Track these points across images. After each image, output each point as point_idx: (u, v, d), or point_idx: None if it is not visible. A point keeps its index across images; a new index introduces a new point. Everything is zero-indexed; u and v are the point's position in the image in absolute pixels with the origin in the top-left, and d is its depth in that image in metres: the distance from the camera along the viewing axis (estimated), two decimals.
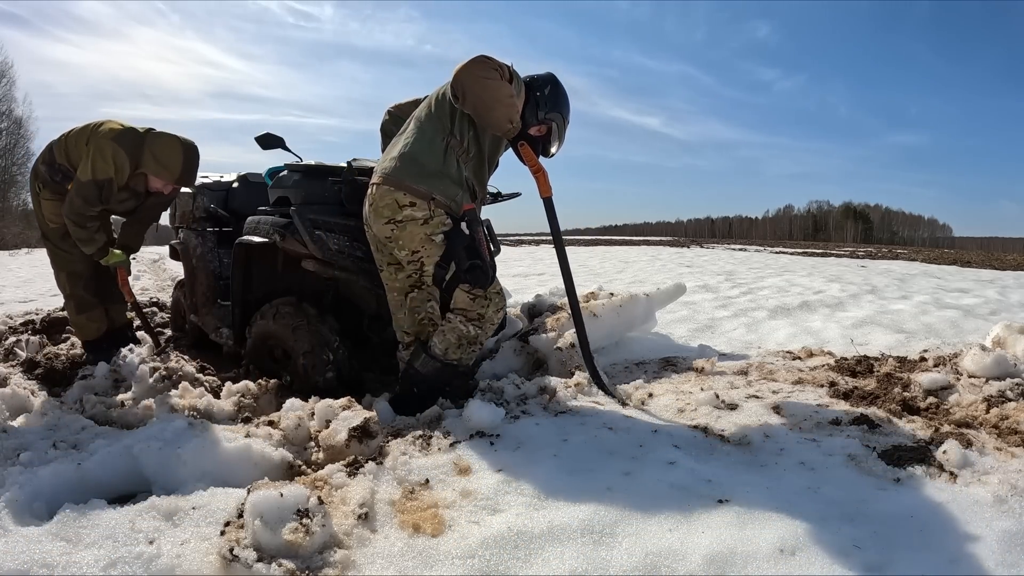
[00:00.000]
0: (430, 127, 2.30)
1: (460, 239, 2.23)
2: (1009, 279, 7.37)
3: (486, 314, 2.29)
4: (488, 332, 2.34)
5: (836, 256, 12.81)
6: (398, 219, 2.23)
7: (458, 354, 2.30)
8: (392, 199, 2.23)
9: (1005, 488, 1.55)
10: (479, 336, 2.31)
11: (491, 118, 2.19)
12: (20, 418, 2.36)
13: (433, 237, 2.24)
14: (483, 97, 2.14)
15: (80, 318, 3.10)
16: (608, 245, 17.21)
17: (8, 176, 26.80)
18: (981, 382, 2.31)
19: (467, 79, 2.14)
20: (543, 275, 7.86)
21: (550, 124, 2.45)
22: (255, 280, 2.89)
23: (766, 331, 3.99)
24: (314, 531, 1.32)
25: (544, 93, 2.42)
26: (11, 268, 9.69)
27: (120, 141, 2.79)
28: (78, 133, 2.90)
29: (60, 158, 2.90)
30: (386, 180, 2.25)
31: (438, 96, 2.33)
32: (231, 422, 2.29)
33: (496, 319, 2.33)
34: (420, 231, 2.23)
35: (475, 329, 2.28)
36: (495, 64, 2.18)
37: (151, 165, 2.83)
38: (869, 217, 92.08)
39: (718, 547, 1.33)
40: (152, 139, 2.84)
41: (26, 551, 1.28)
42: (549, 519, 1.45)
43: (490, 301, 2.29)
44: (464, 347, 2.30)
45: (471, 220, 2.25)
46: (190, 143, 2.90)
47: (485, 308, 2.28)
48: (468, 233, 2.23)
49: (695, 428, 2.00)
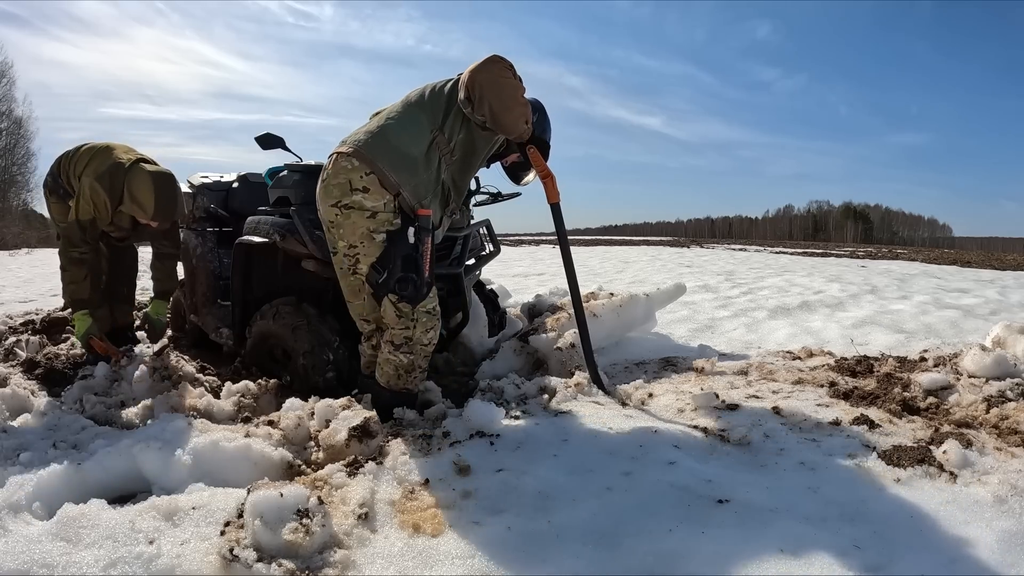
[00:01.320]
0: (421, 114, 2.17)
1: (402, 246, 2.08)
2: (1009, 279, 7.37)
3: (413, 336, 2.12)
4: (421, 355, 2.18)
5: (836, 256, 12.82)
6: (345, 203, 2.08)
7: (401, 383, 2.18)
8: (347, 178, 2.07)
9: (1005, 488, 1.55)
10: (414, 361, 2.16)
11: (507, 119, 2.12)
12: (20, 418, 2.36)
13: (375, 234, 2.09)
14: (502, 97, 2.07)
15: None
16: (608, 245, 17.21)
17: (8, 176, 26.77)
18: (981, 382, 2.31)
19: (485, 79, 2.05)
20: (543, 275, 7.86)
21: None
22: (255, 280, 2.89)
23: (766, 331, 3.99)
24: (314, 531, 1.32)
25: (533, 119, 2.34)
26: (11, 268, 9.69)
27: (101, 180, 2.74)
28: (80, 157, 2.87)
29: (63, 175, 2.93)
30: (355, 153, 2.09)
31: (435, 88, 2.22)
32: (231, 422, 2.29)
33: (426, 341, 2.16)
34: (364, 224, 2.08)
35: (405, 357, 2.14)
36: (508, 63, 2.12)
37: (128, 204, 2.77)
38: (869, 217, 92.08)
39: (718, 547, 1.33)
40: (130, 176, 2.75)
41: (26, 551, 1.28)
42: (549, 519, 1.45)
43: (416, 322, 2.11)
44: (404, 376, 2.17)
45: (420, 228, 2.08)
46: (164, 177, 2.79)
47: (411, 330, 2.12)
48: (412, 242, 2.07)
49: (695, 428, 2.00)
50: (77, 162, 2.88)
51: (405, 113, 2.18)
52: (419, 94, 2.23)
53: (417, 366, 2.19)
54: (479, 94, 2.06)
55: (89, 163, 2.83)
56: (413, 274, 2.06)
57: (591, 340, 2.45)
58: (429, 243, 2.09)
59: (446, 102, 2.18)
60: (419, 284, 2.06)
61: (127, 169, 2.78)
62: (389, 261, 2.07)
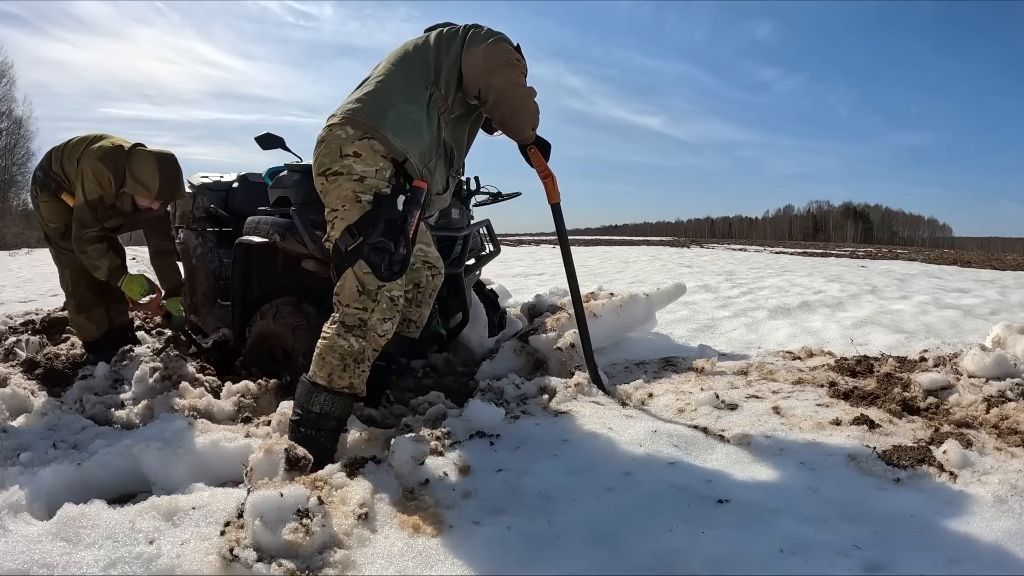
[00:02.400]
0: (409, 71, 1.95)
1: (388, 210, 1.81)
2: (1009, 279, 7.37)
3: (369, 321, 1.83)
4: (373, 346, 1.86)
5: (836, 256, 12.82)
6: (334, 169, 1.85)
7: (346, 378, 1.83)
8: (338, 146, 1.84)
9: (1005, 488, 1.55)
10: (365, 351, 1.84)
11: (517, 124, 2.08)
12: (20, 418, 2.36)
13: (360, 195, 1.82)
14: (515, 106, 2.02)
15: (80, 317, 3.10)
16: (608, 245, 17.21)
17: (8, 176, 26.81)
18: (981, 382, 2.31)
19: (502, 85, 1.95)
20: (543, 275, 7.86)
21: None
22: (255, 280, 2.89)
23: (766, 331, 3.99)
24: (314, 531, 1.32)
25: None
26: (11, 268, 9.69)
27: (104, 160, 2.80)
28: (74, 146, 2.92)
29: (55, 167, 2.94)
30: (349, 120, 1.85)
31: (419, 44, 2.02)
32: (231, 422, 2.29)
33: (381, 331, 1.86)
34: (350, 187, 1.83)
35: (358, 341, 1.83)
36: (518, 57, 2.01)
37: (131, 184, 2.82)
38: (869, 217, 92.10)
39: (718, 547, 1.33)
40: (132, 158, 2.83)
41: (26, 551, 1.28)
42: (549, 519, 1.45)
43: (377, 303, 1.83)
44: (351, 368, 1.83)
45: (411, 199, 1.84)
46: (167, 157, 2.86)
47: (368, 312, 1.83)
48: (400, 209, 1.82)
49: (695, 428, 2.00)
50: (71, 151, 2.90)
51: (397, 71, 1.96)
52: (403, 52, 2.01)
53: (367, 358, 1.86)
54: (493, 99, 1.98)
55: (87, 148, 2.86)
56: (392, 243, 1.79)
57: (591, 340, 2.45)
58: (416, 218, 1.85)
59: (435, 56, 1.97)
60: (395, 257, 1.80)
61: (128, 151, 2.84)
62: (368, 225, 1.80)
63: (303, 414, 1.84)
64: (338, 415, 1.86)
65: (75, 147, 2.91)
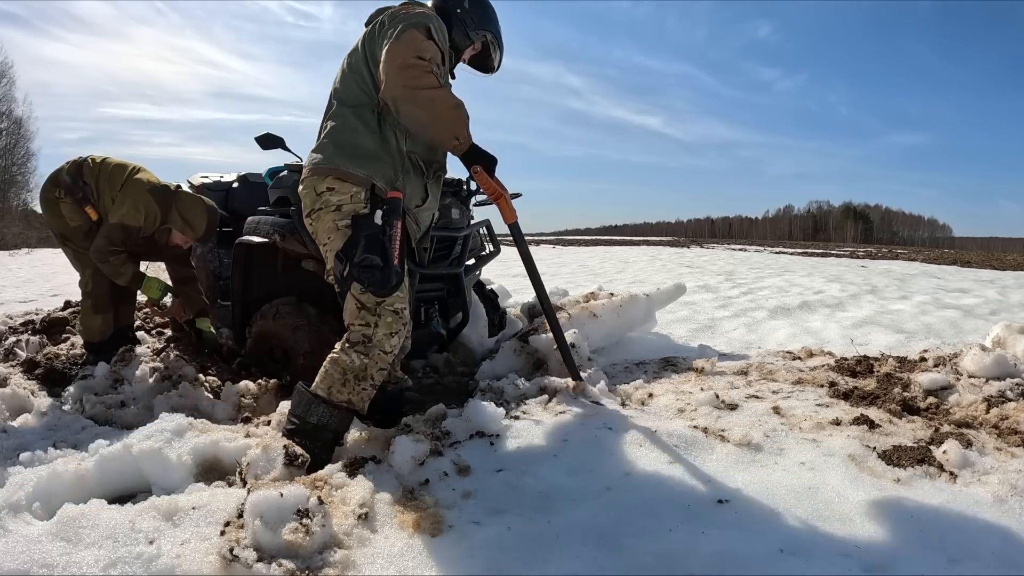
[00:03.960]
0: (353, 99, 1.98)
1: (367, 227, 1.83)
2: (1009, 279, 7.37)
3: (373, 336, 1.83)
4: (379, 364, 1.85)
5: (836, 256, 12.82)
6: (314, 208, 1.94)
7: (345, 393, 1.83)
8: (312, 187, 1.93)
9: (1005, 488, 1.55)
10: (368, 368, 1.83)
11: (433, 137, 1.90)
12: (20, 418, 2.36)
13: (339, 223, 1.90)
14: (420, 114, 1.82)
15: (95, 318, 3.11)
16: (608, 245, 17.20)
17: (8, 176, 26.77)
18: (981, 382, 2.31)
19: (398, 94, 1.80)
20: (543, 275, 7.85)
21: (484, 38, 2.21)
22: (255, 280, 2.89)
23: (766, 331, 3.99)
24: (314, 531, 1.32)
25: (464, 8, 2.13)
26: (11, 268, 9.69)
27: (154, 194, 2.99)
28: (115, 169, 3.07)
29: (89, 179, 3.05)
30: (315, 171, 1.94)
31: (355, 55, 2.00)
32: (231, 422, 2.29)
33: (388, 347, 1.85)
34: (330, 218, 1.91)
35: (360, 358, 1.82)
36: (423, 58, 1.80)
37: (178, 222, 3.02)
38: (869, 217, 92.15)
39: (718, 547, 1.33)
40: (180, 198, 3.05)
41: (26, 551, 1.28)
42: (549, 519, 1.45)
43: (380, 318, 1.84)
44: (351, 384, 1.83)
45: (388, 210, 1.85)
46: (212, 206, 3.11)
47: (372, 327, 1.83)
48: (379, 224, 1.83)
49: (695, 428, 2.00)
50: (112, 173, 3.06)
51: (342, 103, 2.00)
52: (344, 70, 2.03)
53: (370, 376, 1.85)
54: (396, 109, 1.85)
55: (133, 177, 3.05)
56: (378, 257, 1.79)
57: (589, 339, 2.44)
58: (399, 228, 1.85)
59: (367, 67, 1.95)
60: (386, 272, 1.79)
61: (174, 192, 3.07)
62: (352, 247, 1.83)
63: (299, 423, 1.82)
64: (334, 428, 1.84)
65: (116, 171, 3.06)
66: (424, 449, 1.75)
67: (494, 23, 2.22)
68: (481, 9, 2.17)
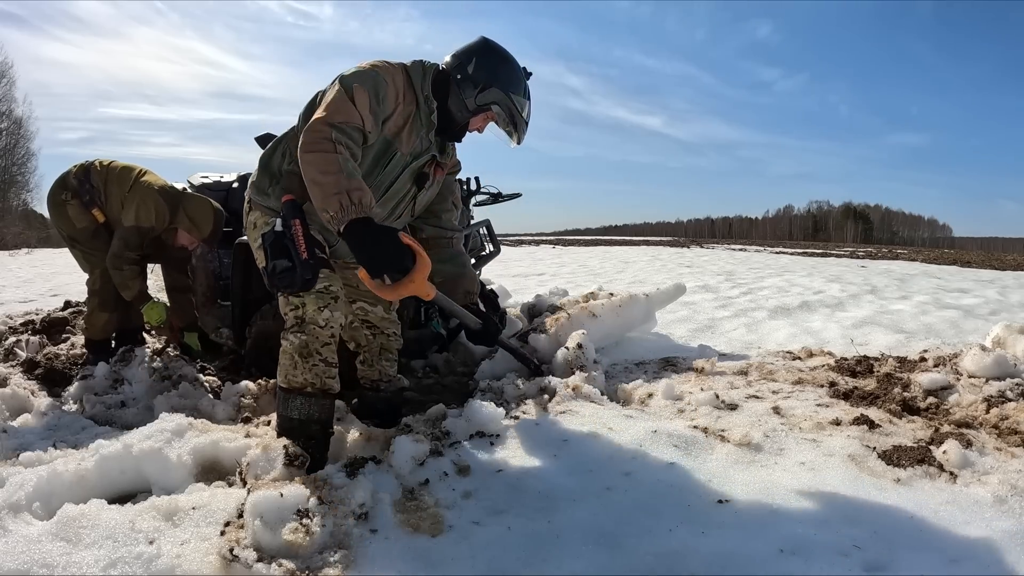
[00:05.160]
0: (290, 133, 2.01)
1: (269, 236, 1.83)
2: (1009, 279, 7.37)
3: (305, 315, 1.84)
4: (319, 338, 1.84)
5: (836, 256, 12.82)
6: (252, 238, 2.03)
7: (300, 375, 1.82)
8: (248, 223, 2.05)
9: (1005, 488, 1.55)
10: (309, 344, 1.83)
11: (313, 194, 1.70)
12: (20, 418, 2.36)
13: (255, 245, 2.00)
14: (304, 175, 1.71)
15: (101, 315, 3.11)
16: (608, 245, 17.21)
17: (8, 176, 26.77)
18: (981, 382, 2.31)
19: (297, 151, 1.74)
20: (543, 275, 7.86)
21: (489, 109, 1.95)
22: (255, 280, 2.89)
23: (766, 331, 3.99)
24: (314, 531, 1.32)
25: (468, 72, 1.90)
26: (11, 268, 9.69)
27: (163, 194, 3.03)
28: (122, 172, 3.10)
29: (97, 182, 3.07)
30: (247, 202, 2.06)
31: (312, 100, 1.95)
32: (231, 422, 2.29)
33: (321, 321, 1.84)
34: (255, 244, 2.01)
35: (298, 337, 1.83)
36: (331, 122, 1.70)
37: (185, 222, 3.04)
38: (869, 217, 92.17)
39: (718, 547, 1.33)
40: (187, 199, 3.08)
41: (26, 551, 1.28)
42: (549, 519, 1.45)
43: (306, 296, 1.84)
44: (300, 364, 1.82)
45: (284, 213, 1.82)
46: (219, 208, 3.15)
47: (301, 308, 1.84)
48: (280, 229, 1.81)
49: (695, 428, 2.00)
50: (119, 175, 3.08)
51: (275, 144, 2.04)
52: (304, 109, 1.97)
53: (314, 351, 1.83)
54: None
55: (141, 179, 3.07)
56: (285, 259, 1.78)
57: (590, 339, 2.44)
58: (299, 225, 1.79)
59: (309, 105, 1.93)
60: (298, 268, 1.77)
61: (182, 193, 3.12)
62: (265, 258, 1.85)
63: (284, 422, 1.84)
64: (318, 419, 1.84)
65: (123, 173, 3.09)
66: (424, 449, 1.75)
67: (507, 83, 1.94)
68: (490, 76, 1.92)
